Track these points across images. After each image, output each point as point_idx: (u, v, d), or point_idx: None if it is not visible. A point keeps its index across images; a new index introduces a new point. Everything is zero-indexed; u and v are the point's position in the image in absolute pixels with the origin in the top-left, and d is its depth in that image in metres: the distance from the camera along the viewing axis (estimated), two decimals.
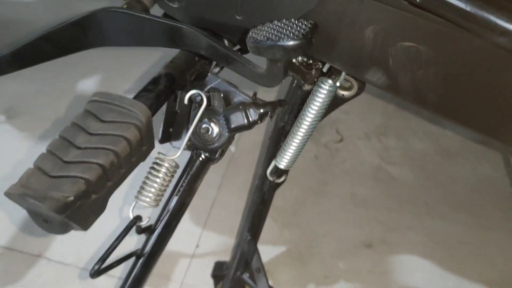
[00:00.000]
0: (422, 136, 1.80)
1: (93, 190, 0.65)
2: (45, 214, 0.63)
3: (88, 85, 1.95)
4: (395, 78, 0.82)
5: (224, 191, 1.60)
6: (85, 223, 0.67)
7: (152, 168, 0.90)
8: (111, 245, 0.86)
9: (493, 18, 0.66)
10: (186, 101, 0.90)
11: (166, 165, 0.89)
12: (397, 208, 1.56)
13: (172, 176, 0.91)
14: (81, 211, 0.65)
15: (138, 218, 0.92)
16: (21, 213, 1.47)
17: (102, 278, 1.32)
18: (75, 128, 0.71)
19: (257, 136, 1.77)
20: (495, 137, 0.81)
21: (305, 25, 0.66)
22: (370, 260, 1.43)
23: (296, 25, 0.67)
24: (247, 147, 1.73)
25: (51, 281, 1.34)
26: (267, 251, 1.42)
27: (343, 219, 1.52)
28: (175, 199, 0.98)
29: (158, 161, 0.89)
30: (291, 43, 0.64)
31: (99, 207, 0.70)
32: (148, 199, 0.90)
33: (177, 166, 0.91)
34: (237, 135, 1.74)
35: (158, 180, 0.89)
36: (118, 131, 0.70)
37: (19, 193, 0.61)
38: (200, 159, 0.95)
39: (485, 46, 0.71)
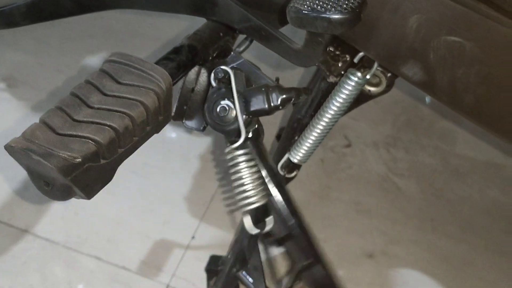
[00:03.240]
0: (431, 152, 1.75)
1: (102, 154, 0.59)
2: (48, 175, 0.57)
3: (92, 62, 1.89)
4: (433, 75, 0.77)
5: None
6: (89, 191, 0.61)
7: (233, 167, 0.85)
8: None
9: None
10: (213, 78, 0.84)
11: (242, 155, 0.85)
12: (401, 220, 1.51)
13: (252, 161, 0.86)
14: (87, 176, 0.59)
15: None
16: (10, 183, 1.40)
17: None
18: (88, 86, 0.64)
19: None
20: None
21: None
22: (370, 271, 1.37)
23: None
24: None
25: (36, 259, 1.27)
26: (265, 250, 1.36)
27: (346, 226, 1.47)
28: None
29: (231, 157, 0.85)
30: (338, 16, 0.58)
31: (106, 176, 0.63)
32: (250, 200, 0.85)
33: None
34: None
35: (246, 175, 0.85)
36: (136, 95, 0.64)
37: (23, 147, 0.55)
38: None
39: None
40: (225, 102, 0.84)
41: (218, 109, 0.85)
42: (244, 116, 0.85)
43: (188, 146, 1.61)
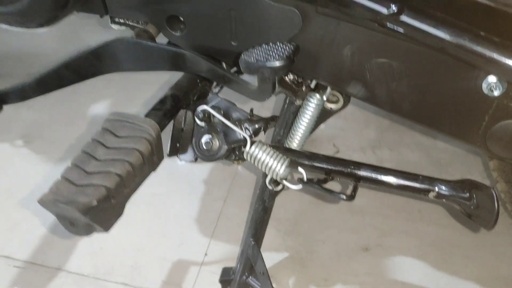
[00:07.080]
0: (414, 148, 1.90)
1: (112, 196, 0.77)
2: (72, 217, 0.74)
3: (98, 111, 2.08)
4: (373, 90, 0.93)
5: (230, 204, 1.70)
6: (106, 225, 0.78)
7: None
8: None
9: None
10: (200, 116, 1.00)
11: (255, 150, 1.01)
12: (392, 215, 1.66)
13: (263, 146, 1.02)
14: (103, 213, 0.76)
15: None
16: (39, 230, 1.58)
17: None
18: (94, 143, 0.82)
19: None
20: (459, 137, 0.91)
21: (288, 47, 0.78)
22: (367, 262, 1.52)
23: (280, 47, 0.78)
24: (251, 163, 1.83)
25: None
26: (271, 257, 1.51)
27: (341, 226, 1.62)
28: None
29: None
30: (277, 64, 0.76)
31: (118, 211, 0.81)
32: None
33: None
34: None
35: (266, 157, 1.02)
36: (132, 144, 0.81)
37: (51, 199, 0.72)
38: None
39: (447, 59, 0.82)
40: (208, 137, 1.02)
41: (204, 143, 1.02)
42: (225, 147, 1.02)
43: (192, 174, 1.78)
